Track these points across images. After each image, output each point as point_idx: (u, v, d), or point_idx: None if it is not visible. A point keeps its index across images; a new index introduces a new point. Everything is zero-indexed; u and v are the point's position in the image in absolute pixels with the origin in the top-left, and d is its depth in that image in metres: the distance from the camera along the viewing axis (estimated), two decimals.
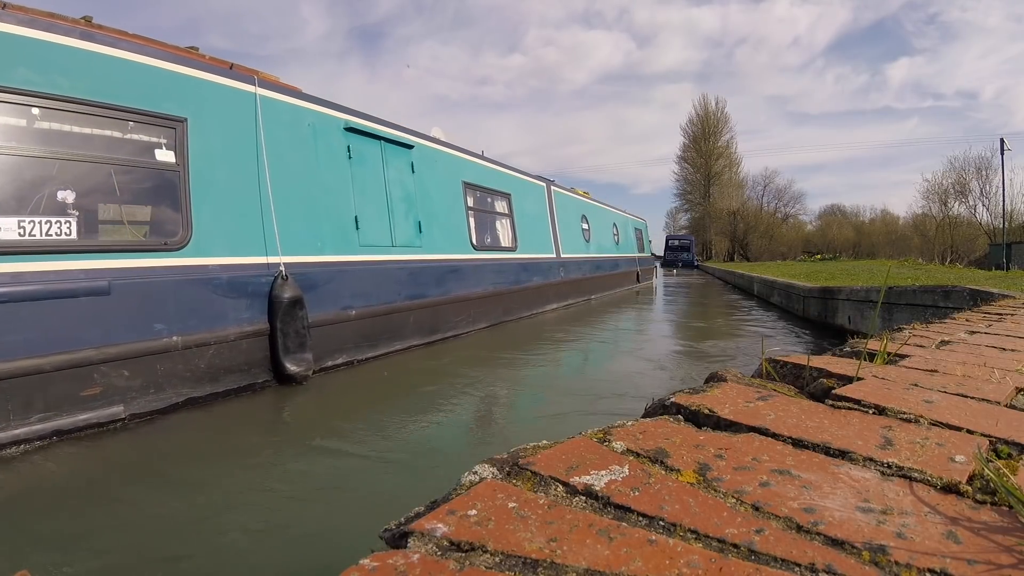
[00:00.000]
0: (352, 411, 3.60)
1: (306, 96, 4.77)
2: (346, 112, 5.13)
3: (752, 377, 1.03)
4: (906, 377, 1.01)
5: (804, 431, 0.68)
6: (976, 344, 1.52)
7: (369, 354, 4.88)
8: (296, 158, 4.52)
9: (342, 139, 5.00)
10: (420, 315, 5.56)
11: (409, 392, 4.10)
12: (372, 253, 5.08)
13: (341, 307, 4.60)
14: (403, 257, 5.49)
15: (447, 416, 3.51)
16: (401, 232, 5.57)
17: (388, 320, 5.10)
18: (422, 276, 5.70)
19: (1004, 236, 22.73)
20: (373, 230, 5.17)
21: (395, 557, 0.40)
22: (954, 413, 0.78)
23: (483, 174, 7.74)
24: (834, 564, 0.42)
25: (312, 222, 4.56)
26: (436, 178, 6.40)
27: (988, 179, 29.06)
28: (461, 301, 6.32)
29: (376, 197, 5.31)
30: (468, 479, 0.55)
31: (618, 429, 0.69)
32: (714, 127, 48.50)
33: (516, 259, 8.15)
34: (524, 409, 3.76)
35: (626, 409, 3.35)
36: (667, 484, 0.54)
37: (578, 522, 0.47)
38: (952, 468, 0.59)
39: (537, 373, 4.85)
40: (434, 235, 6.10)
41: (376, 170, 5.37)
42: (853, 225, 43.63)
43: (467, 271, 6.60)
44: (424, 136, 6.36)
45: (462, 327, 6.33)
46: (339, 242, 4.74)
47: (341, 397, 3.97)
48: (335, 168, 4.87)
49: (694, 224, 49.96)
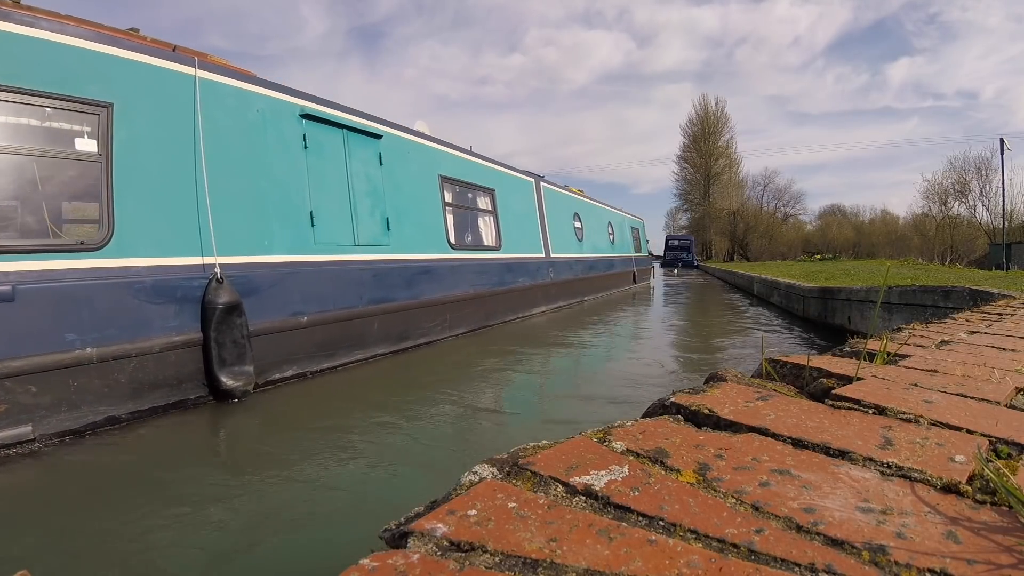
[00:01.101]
0: (292, 433, 3.17)
1: (257, 80, 4.33)
2: (303, 98, 4.65)
3: (752, 377, 1.03)
4: (906, 377, 1.01)
5: (804, 431, 0.68)
6: (976, 344, 1.52)
7: (325, 365, 4.43)
8: (240, 147, 4.08)
9: (297, 127, 4.54)
10: (387, 321, 5.08)
11: (363, 409, 3.62)
12: (330, 253, 4.61)
13: (290, 313, 4.15)
14: (367, 257, 5.02)
15: (401, 440, 3.02)
16: (365, 229, 5.08)
17: (348, 327, 4.64)
18: (390, 278, 5.22)
19: (1004, 236, 22.74)
20: (332, 227, 4.71)
21: (395, 557, 0.40)
22: (954, 413, 0.78)
23: (463, 167, 7.18)
24: (834, 564, 0.42)
25: (258, 218, 4.11)
26: (409, 171, 5.91)
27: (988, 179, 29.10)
28: (436, 305, 5.85)
29: (336, 191, 4.84)
30: (468, 479, 0.55)
31: (618, 429, 0.69)
32: (714, 127, 48.50)
33: (500, 259, 7.61)
34: (486, 433, 3.22)
35: (622, 412, 3.34)
36: (667, 484, 0.54)
37: (578, 522, 0.47)
38: (952, 468, 0.59)
39: (515, 383, 4.47)
40: (405, 233, 5.62)
41: (337, 161, 4.89)
42: (853, 225, 43.65)
43: (443, 272, 6.12)
44: (395, 125, 5.84)
45: (436, 333, 5.86)
46: (290, 241, 4.30)
47: (284, 415, 3.49)
48: (288, 159, 4.42)
49: (694, 224, 49.95)
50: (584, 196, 12.89)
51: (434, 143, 6.55)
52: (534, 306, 8.56)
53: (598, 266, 12.77)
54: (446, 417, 3.43)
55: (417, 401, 3.77)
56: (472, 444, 3.01)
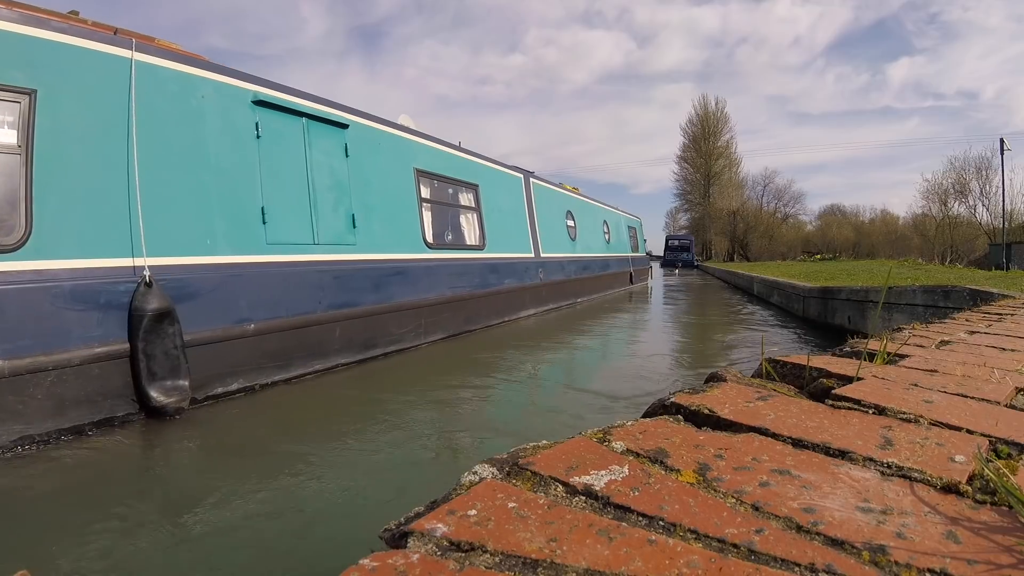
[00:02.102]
0: (228, 458, 2.85)
1: (206, 64, 3.96)
2: (256, 83, 4.25)
3: (752, 377, 1.03)
4: (906, 377, 1.01)
5: (804, 431, 0.68)
6: (976, 344, 1.52)
7: (277, 377, 4.03)
8: (180, 137, 3.72)
9: (249, 114, 4.14)
10: (350, 327, 4.65)
11: (316, 426, 3.26)
12: (284, 253, 4.21)
13: (234, 320, 3.76)
14: (329, 257, 4.59)
15: (356, 464, 2.69)
16: (327, 227, 4.65)
17: (304, 334, 4.24)
18: (355, 280, 4.81)
19: (1004, 236, 22.74)
20: (287, 225, 4.30)
21: (395, 557, 0.40)
22: (954, 413, 0.78)
23: (443, 161, 6.69)
24: (834, 564, 0.42)
25: (198, 215, 3.72)
26: (379, 164, 5.46)
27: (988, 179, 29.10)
28: (408, 309, 5.40)
29: (293, 185, 4.42)
30: (468, 479, 0.55)
31: (618, 429, 0.69)
32: (714, 127, 48.51)
33: (484, 259, 7.15)
34: (454, 454, 2.86)
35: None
36: (667, 484, 0.54)
37: (578, 522, 0.47)
38: (952, 468, 0.59)
39: (489, 394, 4.07)
40: (374, 231, 5.16)
41: (295, 152, 4.48)
42: (853, 225, 43.66)
43: (417, 273, 5.68)
44: (365, 114, 5.37)
45: (409, 340, 5.41)
46: (237, 240, 3.91)
47: (222, 436, 3.16)
48: (236, 149, 4.03)
49: (694, 224, 49.97)
50: (579, 194, 12.56)
51: (409, 134, 6.10)
52: (522, 309, 8.13)
53: (592, 266, 12.37)
54: (406, 437, 3.07)
55: (377, 417, 3.39)
56: (436, 469, 2.64)
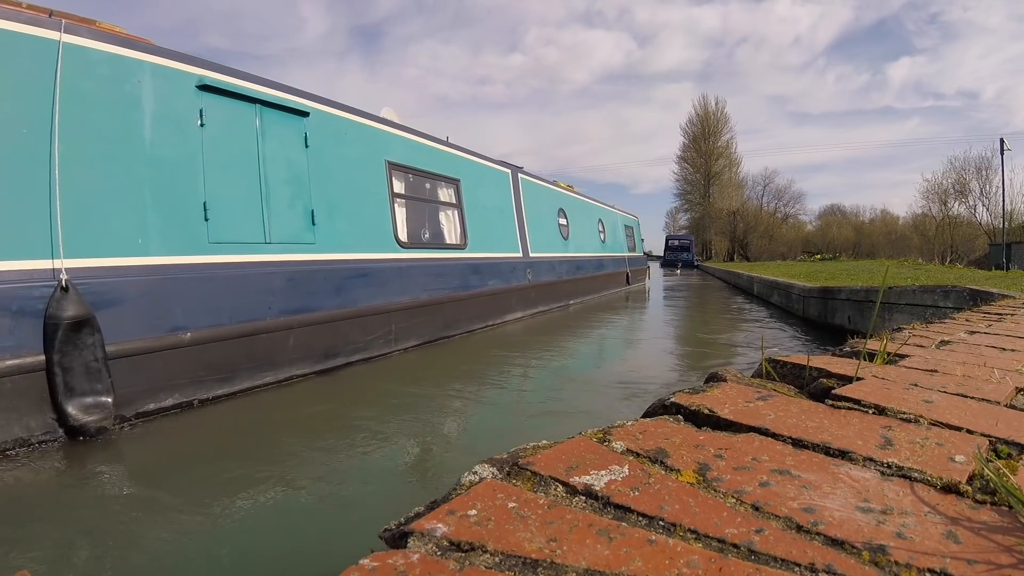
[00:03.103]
0: (144, 484, 2.43)
1: (148, 47, 3.61)
2: (203, 66, 3.86)
3: (752, 377, 1.03)
4: (906, 377, 1.01)
5: (804, 431, 0.68)
6: (976, 344, 1.52)
7: (219, 391, 3.64)
8: (111, 125, 3.36)
9: (193, 100, 3.76)
10: (307, 335, 4.25)
11: (255, 450, 2.83)
12: (228, 253, 3.81)
13: (167, 328, 3.38)
14: (283, 258, 4.19)
15: (293, 500, 2.26)
16: (282, 225, 4.25)
17: (251, 343, 3.83)
18: (313, 282, 4.39)
19: (1004, 236, 22.74)
20: (233, 222, 3.89)
21: (395, 557, 0.40)
22: (954, 413, 0.78)
23: (419, 154, 6.18)
24: (834, 564, 0.42)
25: (127, 212, 3.35)
26: (345, 155, 5.02)
27: (988, 179, 29.16)
28: (376, 314, 4.95)
29: (242, 178, 4.01)
30: (468, 479, 0.55)
31: (618, 429, 0.69)
32: (714, 127, 48.53)
33: (465, 259, 6.71)
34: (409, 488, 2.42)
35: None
36: (667, 484, 0.54)
37: (578, 522, 0.47)
38: (952, 468, 0.59)
39: (460, 408, 3.66)
40: (337, 228, 4.76)
41: (245, 142, 4.09)
42: (853, 225, 43.70)
43: (387, 275, 5.22)
44: (329, 101, 4.93)
45: (377, 347, 4.97)
46: (173, 239, 3.53)
47: (145, 458, 2.77)
48: (176, 139, 3.66)
49: (694, 224, 49.98)
50: (573, 191, 12.19)
51: (381, 124, 5.65)
52: (508, 312, 7.62)
53: (586, 267, 11.86)
54: (359, 463, 2.65)
55: (327, 435, 3.02)
56: (392, 505, 2.13)
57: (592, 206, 13.49)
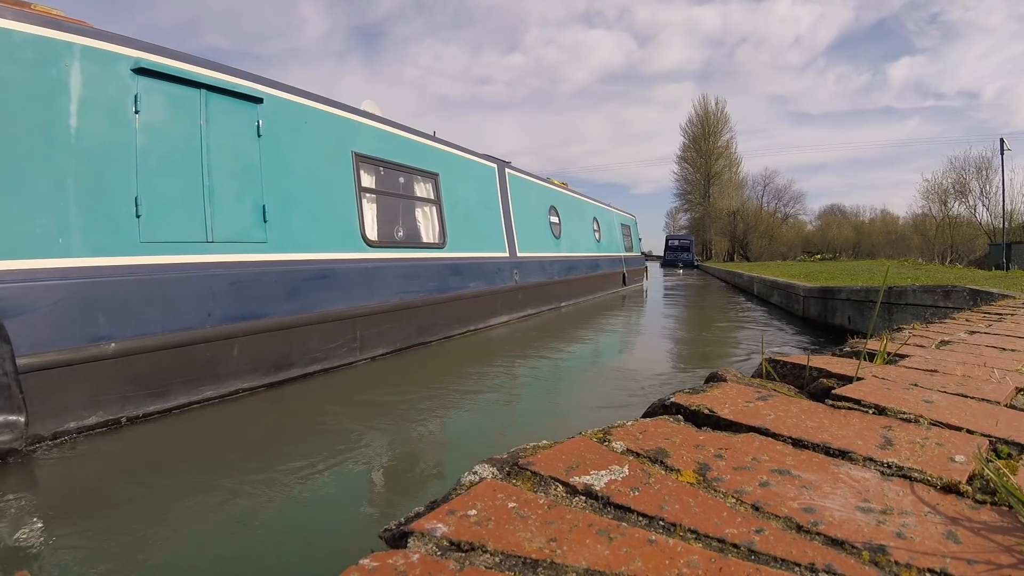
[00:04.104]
0: (55, 514, 2.12)
1: (80, 28, 3.31)
2: (141, 48, 3.49)
3: (752, 377, 1.03)
4: (906, 377, 1.01)
5: (804, 431, 0.68)
6: (976, 344, 1.52)
7: (151, 407, 3.27)
8: (30, 113, 3.09)
9: (127, 85, 3.41)
10: (255, 344, 3.82)
11: (180, 476, 2.47)
12: (163, 253, 3.44)
13: (90, 338, 3.05)
14: (228, 258, 3.79)
15: (223, 533, 1.99)
16: (228, 222, 3.84)
17: (188, 354, 3.45)
18: (262, 286, 3.97)
19: (1004, 236, 22.75)
20: (170, 219, 3.53)
21: (395, 557, 0.40)
22: (954, 413, 0.78)
23: (391, 145, 5.68)
24: (834, 564, 0.42)
25: (46, 208, 3.06)
26: (305, 146, 4.62)
27: (988, 179, 29.18)
28: (339, 319, 4.54)
29: (182, 170, 3.63)
30: (468, 479, 0.55)
31: (618, 429, 0.69)
32: (714, 127, 48.54)
33: (443, 259, 6.26)
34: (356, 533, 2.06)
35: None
36: (667, 484, 0.54)
37: (578, 522, 0.47)
38: (952, 468, 0.59)
39: (423, 430, 3.13)
40: (293, 226, 4.36)
41: (187, 131, 3.71)
42: (853, 225, 43.73)
43: (352, 276, 4.79)
44: (286, 87, 4.52)
45: (339, 356, 4.53)
46: (99, 238, 3.21)
47: (56, 484, 2.46)
48: (107, 127, 3.34)
49: (694, 224, 49.99)
50: (567, 189, 11.79)
51: (347, 112, 5.17)
52: (492, 316, 7.16)
53: (580, 267, 11.32)
54: (305, 491, 2.30)
55: (271, 458, 2.66)
56: (340, 541, 1.92)
57: (586, 204, 13.01)
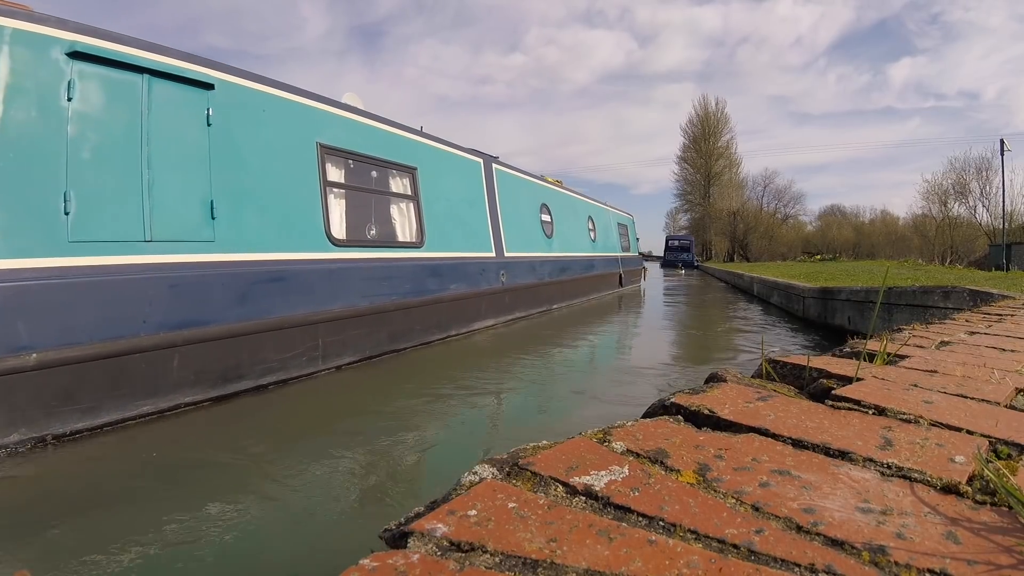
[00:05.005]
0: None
1: (10, 10, 3.09)
2: (78, 31, 3.22)
3: (752, 377, 1.03)
4: (906, 378, 1.01)
5: (804, 431, 0.68)
6: (976, 345, 1.52)
7: (80, 424, 2.97)
8: None
9: (60, 70, 3.16)
10: (199, 353, 3.47)
11: (107, 503, 2.21)
12: (95, 254, 3.14)
13: (9, 348, 2.81)
14: (168, 259, 3.44)
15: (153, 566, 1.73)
16: (170, 219, 3.49)
17: (121, 366, 3.12)
18: (208, 289, 3.62)
19: (1004, 237, 22.75)
20: (104, 216, 3.20)
21: (395, 557, 0.40)
22: (954, 414, 0.78)
23: (362, 136, 5.26)
24: (834, 564, 0.42)
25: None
26: (262, 136, 4.24)
27: (988, 180, 29.17)
28: (298, 325, 4.16)
29: (119, 162, 3.31)
30: (468, 479, 0.55)
31: (618, 429, 0.69)
32: (714, 127, 48.55)
33: (420, 259, 5.81)
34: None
35: None
36: (667, 484, 0.54)
37: (578, 522, 0.47)
38: (952, 469, 0.59)
39: (383, 443, 2.87)
40: (245, 223, 3.98)
41: (127, 119, 3.39)
42: (853, 226, 43.73)
43: (314, 278, 4.41)
44: (242, 72, 4.16)
45: (298, 366, 4.14)
46: (21, 237, 2.97)
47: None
48: (34, 116, 3.10)
49: (694, 224, 50.00)
50: (562, 187, 11.45)
51: (312, 100, 4.76)
52: (475, 320, 6.72)
53: (573, 267, 10.86)
54: (239, 524, 2.00)
55: (208, 483, 2.39)
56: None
57: (581, 202, 12.58)
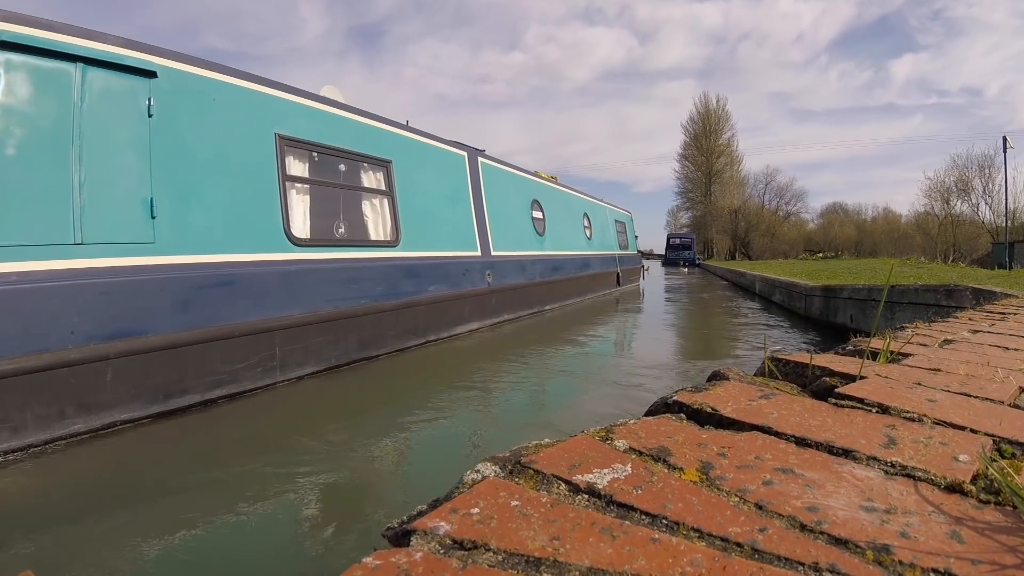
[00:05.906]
0: None
1: None
2: (5, 19, 2.98)
3: (754, 376, 1.03)
4: (909, 376, 1.01)
5: (807, 430, 0.68)
6: (979, 343, 1.52)
7: (3, 445, 2.71)
8: None
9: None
10: (135, 366, 3.16)
11: (30, 533, 1.94)
12: (13, 259, 2.85)
13: None
14: (100, 263, 3.15)
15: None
16: (103, 219, 3.22)
17: (46, 380, 2.85)
18: (146, 295, 3.31)
19: (1007, 235, 22.67)
20: (25, 217, 2.95)
21: (398, 555, 0.40)
22: (958, 412, 0.78)
23: (328, 126, 4.84)
24: (838, 563, 0.42)
25: None
26: (211, 127, 3.91)
27: (991, 177, 29.14)
28: (251, 333, 3.82)
29: (48, 158, 3.07)
30: (471, 477, 0.55)
31: (620, 428, 0.69)
32: (715, 125, 48.45)
33: (395, 259, 5.40)
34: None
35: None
36: (670, 483, 0.54)
37: (581, 520, 0.47)
38: (956, 467, 0.58)
39: (335, 473, 2.50)
40: (191, 222, 3.66)
41: (58, 111, 3.15)
42: (855, 223, 43.68)
43: (270, 281, 4.06)
44: (189, 58, 3.84)
45: (252, 378, 3.79)
46: None
47: None
48: None
49: (695, 222, 49.92)
50: (556, 183, 10.85)
51: (269, 88, 4.40)
52: (458, 323, 6.28)
53: (567, 267, 10.33)
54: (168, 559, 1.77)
55: (145, 512, 2.12)
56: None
57: (576, 199, 12.06)
